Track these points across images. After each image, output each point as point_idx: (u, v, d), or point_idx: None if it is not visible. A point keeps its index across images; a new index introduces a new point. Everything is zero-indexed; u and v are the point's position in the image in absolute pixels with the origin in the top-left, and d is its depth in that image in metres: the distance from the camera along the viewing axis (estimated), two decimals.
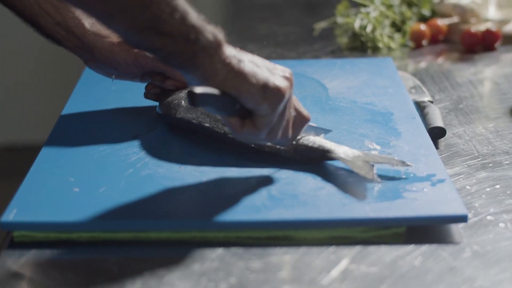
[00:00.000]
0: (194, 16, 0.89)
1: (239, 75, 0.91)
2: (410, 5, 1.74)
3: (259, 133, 0.95)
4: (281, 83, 0.93)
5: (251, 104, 0.92)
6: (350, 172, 1.00)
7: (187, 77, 0.92)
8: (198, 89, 0.89)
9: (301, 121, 0.99)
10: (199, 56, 0.89)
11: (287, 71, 0.96)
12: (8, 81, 2.82)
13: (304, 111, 1.00)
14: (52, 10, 1.12)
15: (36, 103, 2.83)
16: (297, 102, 0.99)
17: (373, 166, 0.99)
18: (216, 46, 0.90)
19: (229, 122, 0.95)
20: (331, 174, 1.00)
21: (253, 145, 1.05)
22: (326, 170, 1.01)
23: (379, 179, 0.97)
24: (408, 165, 1.00)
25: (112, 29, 0.89)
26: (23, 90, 2.83)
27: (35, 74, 2.83)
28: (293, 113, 0.98)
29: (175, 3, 0.87)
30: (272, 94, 0.92)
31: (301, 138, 1.03)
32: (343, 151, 1.02)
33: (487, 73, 1.52)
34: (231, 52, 0.91)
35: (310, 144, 1.03)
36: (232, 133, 0.96)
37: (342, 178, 0.99)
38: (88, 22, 1.14)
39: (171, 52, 0.89)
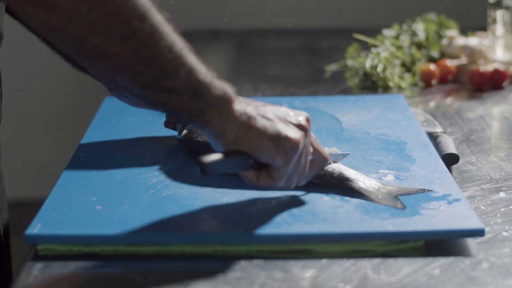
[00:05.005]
0: (202, 72, 0.88)
1: (250, 132, 0.91)
2: (419, 46, 1.78)
3: (275, 184, 0.96)
4: (293, 134, 0.93)
5: (264, 159, 0.93)
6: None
7: (200, 131, 0.93)
8: (207, 158, 0.90)
9: (320, 162, 1.00)
10: (207, 113, 0.90)
11: (302, 116, 0.96)
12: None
13: (323, 152, 1.00)
14: None
15: (42, 157, 2.84)
16: (316, 142, 0.99)
17: (396, 196, 1.00)
18: (224, 103, 0.90)
19: (244, 176, 0.96)
20: (349, 195, 1.02)
21: None
22: (343, 191, 1.03)
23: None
24: (428, 191, 1.02)
25: (116, 83, 0.88)
26: (27, 144, 2.84)
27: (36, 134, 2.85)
28: (310, 156, 0.98)
29: (183, 60, 0.87)
30: (285, 147, 0.92)
31: None
32: (363, 181, 1.03)
33: (496, 110, 1.55)
34: (241, 108, 0.91)
35: (330, 170, 1.05)
36: (248, 185, 0.97)
37: (360, 198, 1.01)
38: None
39: (178, 108, 0.89)
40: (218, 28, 2.40)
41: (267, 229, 0.94)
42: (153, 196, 1.03)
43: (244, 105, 0.92)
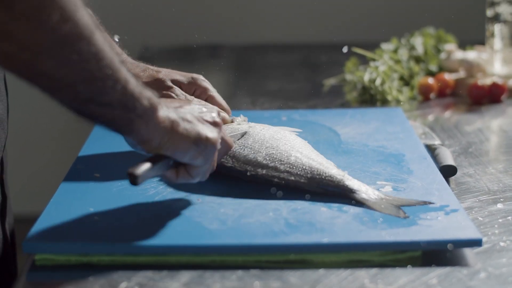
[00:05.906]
0: (133, 84, 0.90)
1: (173, 137, 0.95)
2: (417, 60, 1.78)
3: (193, 180, 1.01)
4: (211, 134, 0.99)
5: (186, 159, 0.98)
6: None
7: (125, 139, 0.96)
8: (138, 170, 0.94)
9: (225, 148, 1.06)
10: (135, 122, 0.92)
11: (214, 112, 1.02)
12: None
13: (229, 139, 1.06)
14: None
15: (43, 171, 2.83)
16: (223, 131, 1.04)
17: (399, 206, 1.01)
18: (151, 112, 0.93)
19: (164, 176, 1.00)
20: (347, 205, 1.02)
21: (275, 180, 1.07)
22: (341, 201, 1.03)
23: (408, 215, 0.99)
24: (430, 203, 1.02)
25: (55, 99, 0.88)
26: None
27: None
28: (219, 146, 1.02)
29: (118, 75, 0.88)
30: (205, 147, 0.98)
31: (324, 175, 1.06)
32: (366, 192, 1.04)
33: (494, 123, 1.55)
34: (164, 114, 0.94)
35: (333, 179, 1.05)
36: (167, 182, 1.02)
37: (357, 209, 1.01)
38: None
39: (109, 120, 0.91)
40: (217, 43, 2.41)
41: (265, 239, 0.94)
42: (150, 207, 1.03)
43: (166, 111, 0.95)
